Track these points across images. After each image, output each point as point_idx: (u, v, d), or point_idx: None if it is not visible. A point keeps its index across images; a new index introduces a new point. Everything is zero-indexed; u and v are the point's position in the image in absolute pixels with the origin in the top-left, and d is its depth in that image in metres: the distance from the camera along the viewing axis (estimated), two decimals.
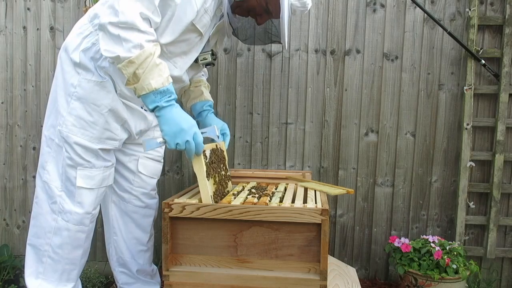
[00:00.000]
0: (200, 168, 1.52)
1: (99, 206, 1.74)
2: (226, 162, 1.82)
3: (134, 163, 1.84)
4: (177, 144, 1.42)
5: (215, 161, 1.66)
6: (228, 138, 1.87)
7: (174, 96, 1.45)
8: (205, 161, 1.54)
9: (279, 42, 1.68)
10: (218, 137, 1.64)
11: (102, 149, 1.63)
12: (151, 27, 1.44)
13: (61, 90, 1.62)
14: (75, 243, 1.68)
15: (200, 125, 1.90)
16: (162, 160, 1.98)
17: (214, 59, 1.74)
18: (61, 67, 1.63)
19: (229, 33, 1.71)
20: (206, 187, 1.52)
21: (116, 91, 1.60)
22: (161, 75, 1.41)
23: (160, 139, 1.47)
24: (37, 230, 1.68)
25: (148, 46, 1.39)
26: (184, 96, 1.97)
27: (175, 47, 1.58)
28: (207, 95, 1.94)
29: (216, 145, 1.73)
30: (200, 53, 1.69)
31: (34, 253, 1.69)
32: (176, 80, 1.65)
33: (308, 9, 1.64)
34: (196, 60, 1.69)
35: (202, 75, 2.00)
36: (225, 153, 1.84)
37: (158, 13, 1.44)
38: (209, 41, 1.70)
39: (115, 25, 1.35)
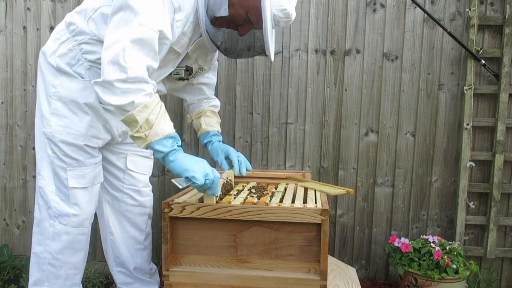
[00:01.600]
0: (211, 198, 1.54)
1: (95, 206, 1.73)
2: (232, 192, 1.84)
3: (122, 160, 1.83)
4: (206, 175, 1.43)
5: (222, 196, 1.68)
6: (244, 164, 1.84)
7: (180, 141, 1.47)
8: (216, 200, 1.55)
9: (265, 54, 1.62)
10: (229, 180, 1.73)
11: (88, 146, 1.62)
12: None
13: (42, 93, 1.63)
14: (76, 246, 1.67)
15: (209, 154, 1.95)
16: (152, 157, 1.95)
17: (188, 74, 1.71)
18: (41, 71, 1.65)
19: (212, 49, 1.68)
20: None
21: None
22: (170, 122, 1.44)
23: (182, 178, 1.45)
24: (39, 238, 1.67)
25: (156, 95, 1.42)
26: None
27: None
28: (206, 126, 1.93)
29: (226, 178, 1.77)
30: (176, 67, 1.68)
31: (35, 261, 1.67)
32: None
33: (292, 20, 1.58)
34: (170, 74, 1.69)
35: (205, 101, 1.97)
36: (233, 182, 1.89)
37: (157, 58, 1.45)
38: (189, 57, 1.69)
39: (123, 81, 1.33)
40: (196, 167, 1.43)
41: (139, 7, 1.34)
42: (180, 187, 1.43)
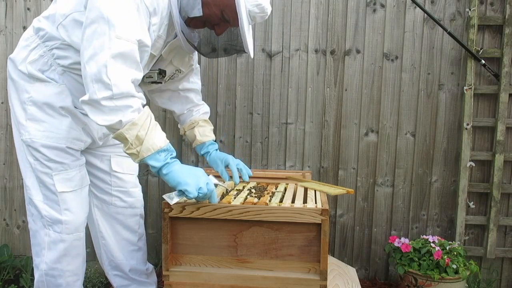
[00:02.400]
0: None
1: (88, 210, 1.70)
2: (232, 192, 1.84)
3: (106, 163, 1.79)
4: (199, 188, 1.40)
5: None
6: (245, 171, 1.85)
7: (174, 152, 1.45)
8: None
9: (244, 52, 1.58)
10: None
11: (70, 148, 1.59)
12: None
13: (16, 101, 1.59)
14: (73, 253, 1.64)
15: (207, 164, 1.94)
16: None
17: (162, 77, 1.67)
18: (11, 78, 1.60)
19: (190, 50, 1.64)
20: None
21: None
22: (161, 135, 1.42)
23: (175, 192, 1.44)
24: (36, 249, 1.65)
25: (145, 108, 1.40)
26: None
27: None
28: (201, 137, 1.90)
29: (226, 190, 1.78)
30: (149, 70, 1.64)
31: (35, 272, 1.66)
32: None
33: (268, 14, 1.55)
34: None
35: (195, 110, 1.94)
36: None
37: (140, 68, 1.42)
38: (163, 59, 1.64)
39: (109, 99, 1.30)
40: (189, 180, 1.40)
41: (114, 18, 1.30)
42: (171, 203, 1.42)
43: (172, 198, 1.42)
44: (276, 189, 1.91)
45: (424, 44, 2.34)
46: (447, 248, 2.12)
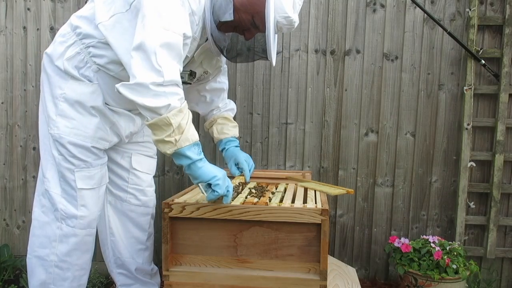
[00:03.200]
0: None
1: (102, 207, 1.74)
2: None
3: (127, 160, 1.84)
4: (227, 186, 1.46)
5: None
6: (252, 168, 1.98)
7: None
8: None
9: (267, 59, 1.63)
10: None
11: (95, 147, 1.63)
12: None
13: (48, 95, 1.63)
14: (84, 248, 1.67)
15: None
16: (156, 156, 1.96)
17: (192, 79, 1.71)
18: (45, 72, 1.64)
19: (217, 53, 1.69)
20: None
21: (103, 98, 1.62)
22: (195, 130, 1.45)
23: (204, 185, 1.47)
24: (42, 240, 1.65)
25: (185, 101, 1.44)
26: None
27: None
28: (218, 135, 1.98)
29: (239, 183, 1.85)
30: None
31: (40, 264, 1.66)
32: None
33: (295, 27, 1.61)
34: None
35: (215, 111, 2.01)
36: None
37: (181, 62, 1.46)
38: (194, 61, 1.69)
39: (159, 85, 1.33)
40: (221, 175, 1.46)
41: (162, 11, 1.36)
42: (206, 194, 1.46)
43: (204, 189, 1.46)
44: (276, 189, 1.91)
45: (424, 44, 2.34)
46: (447, 248, 2.12)
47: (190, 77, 1.69)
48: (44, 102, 1.65)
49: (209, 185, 1.44)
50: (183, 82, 1.69)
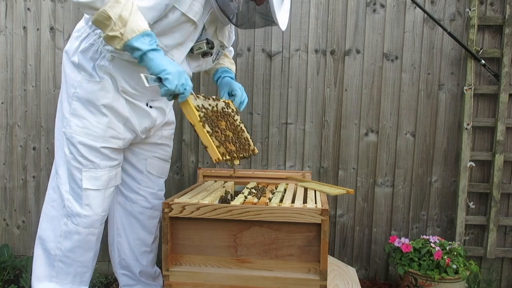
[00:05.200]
0: (191, 112, 1.48)
1: (108, 207, 1.74)
2: (235, 115, 1.82)
3: (143, 162, 1.84)
4: (176, 85, 1.37)
5: (210, 112, 1.63)
6: (246, 101, 1.87)
7: (158, 41, 1.41)
8: (195, 106, 1.50)
9: (275, 24, 1.59)
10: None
11: (105, 147, 1.62)
12: None
13: (64, 93, 1.65)
14: (86, 246, 1.68)
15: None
16: (170, 160, 1.98)
17: (211, 48, 1.66)
18: (64, 71, 1.66)
19: (223, 20, 1.65)
20: (204, 132, 1.47)
21: (118, 89, 1.61)
22: (144, 20, 1.39)
23: (152, 76, 1.39)
24: (49, 234, 1.68)
25: None
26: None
27: (170, 39, 1.55)
28: (215, 66, 1.93)
29: (214, 99, 1.73)
30: (196, 42, 1.64)
31: (45, 256, 1.69)
32: None
33: None
34: (191, 50, 1.65)
35: (219, 59, 1.93)
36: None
37: None
38: (206, 30, 1.65)
39: None
40: (173, 70, 1.37)
41: None
42: (147, 84, 1.37)
43: (149, 80, 1.37)
44: (276, 189, 1.91)
45: (424, 44, 2.34)
46: (447, 248, 2.12)
47: (208, 46, 1.64)
48: (61, 100, 1.67)
49: (160, 79, 1.38)
50: (204, 53, 1.66)
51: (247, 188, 1.95)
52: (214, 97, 1.77)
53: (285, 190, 1.89)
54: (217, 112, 1.68)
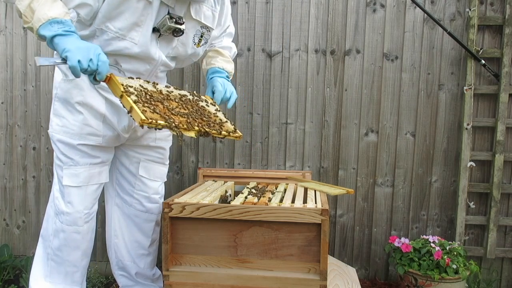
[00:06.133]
0: (115, 86, 1.40)
1: (94, 206, 1.72)
2: (209, 105, 1.70)
3: (135, 165, 1.83)
4: (78, 60, 1.31)
5: (155, 94, 1.51)
6: (233, 96, 1.75)
7: (74, 30, 1.38)
8: (121, 82, 1.42)
9: None
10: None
11: (83, 145, 1.62)
12: None
13: (52, 95, 1.69)
14: (72, 244, 1.68)
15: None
16: (167, 163, 1.94)
17: (177, 23, 1.52)
18: (54, 75, 1.71)
19: None
20: (127, 99, 1.36)
21: (94, 86, 1.59)
22: (57, 7, 1.37)
23: (55, 58, 1.37)
24: (44, 233, 1.72)
25: None
26: None
27: (120, 21, 1.47)
28: (205, 66, 1.85)
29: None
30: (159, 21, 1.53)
31: (42, 255, 1.71)
32: (142, 58, 1.56)
33: None
34: (158, 30, 1.53)
35: (213, 46, 1.85)
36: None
37: None
38: (173, 8, 1.53)
39: None
40: (73, 47, 1.32)
41: None
42: (37, 64, 1.33)
43: (41, 61, 1.35)
44: (276, 189, 1.91)
45: (424, 44, 2.34)
46: (447, 248, 2.12)
47: (172, 21, 1.51)
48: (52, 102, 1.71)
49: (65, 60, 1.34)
50: (170, 29, 1.53)
51: (247, 188, 1.95)
52: (175, 86, 1.66)
53: (285, 190, 1.89)
54: (169, 96, 1.56)
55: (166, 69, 1.72)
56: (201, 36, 1.69)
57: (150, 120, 1.31)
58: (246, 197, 1.68)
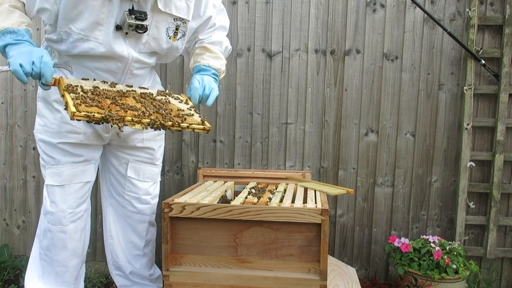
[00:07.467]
0: (60, 88, 1.40)
1: (81, 206, 1.71)
2: (174, 100, 1.63)
3: (124, 166, 1.80)
4: (20, 64, 1.31)
5: (109, 92, 1.48)
6: (213, 93, 1.62)
7: (27, 39, 1.39)
8: (69, 83, 1.41)
9: None
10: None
11: (63, 143, 1.62)
12: None
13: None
14: (59, 244, 1.68)
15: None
16: (159, 163, 1.90)
17: (137, 19, 1.46)
18: None
19: None
20: (67, 96, 1.36)
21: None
22: (13, 18, 1.40)
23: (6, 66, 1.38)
24: (39, 232, 1.74)
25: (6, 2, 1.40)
26: None
27: (81, 22, 1.44)
28: (191, 65, 1.75)
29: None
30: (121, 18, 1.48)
31: (36, 254, 1.73)
32: (110, 56, 1.53)
33: None
34: (121, 28, 1.48)
35: (198, 43, 1.76)
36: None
37: None
38: (137, 2, 1.47)
39: None
40: (15, 52, 1.34)
41: None
42: None
43: None
44: (276, 189, 1.91)
45: (424, 44, 2.34)
46: (447, 248, 2.12)
47: (131, 17, 1.45)
48: None
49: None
50: (136, 26, 1.48)
51: (247, 188, 1.95)
52: (128, 84, 1.61)
53: (285, 190, 1.89)
54: (125, 94, 1.52)
55: (143, 66, 1.64)
56: (176, 29, 1.60)
57: (83, 114, 1.31)
58: (246, 197, 1.68)
